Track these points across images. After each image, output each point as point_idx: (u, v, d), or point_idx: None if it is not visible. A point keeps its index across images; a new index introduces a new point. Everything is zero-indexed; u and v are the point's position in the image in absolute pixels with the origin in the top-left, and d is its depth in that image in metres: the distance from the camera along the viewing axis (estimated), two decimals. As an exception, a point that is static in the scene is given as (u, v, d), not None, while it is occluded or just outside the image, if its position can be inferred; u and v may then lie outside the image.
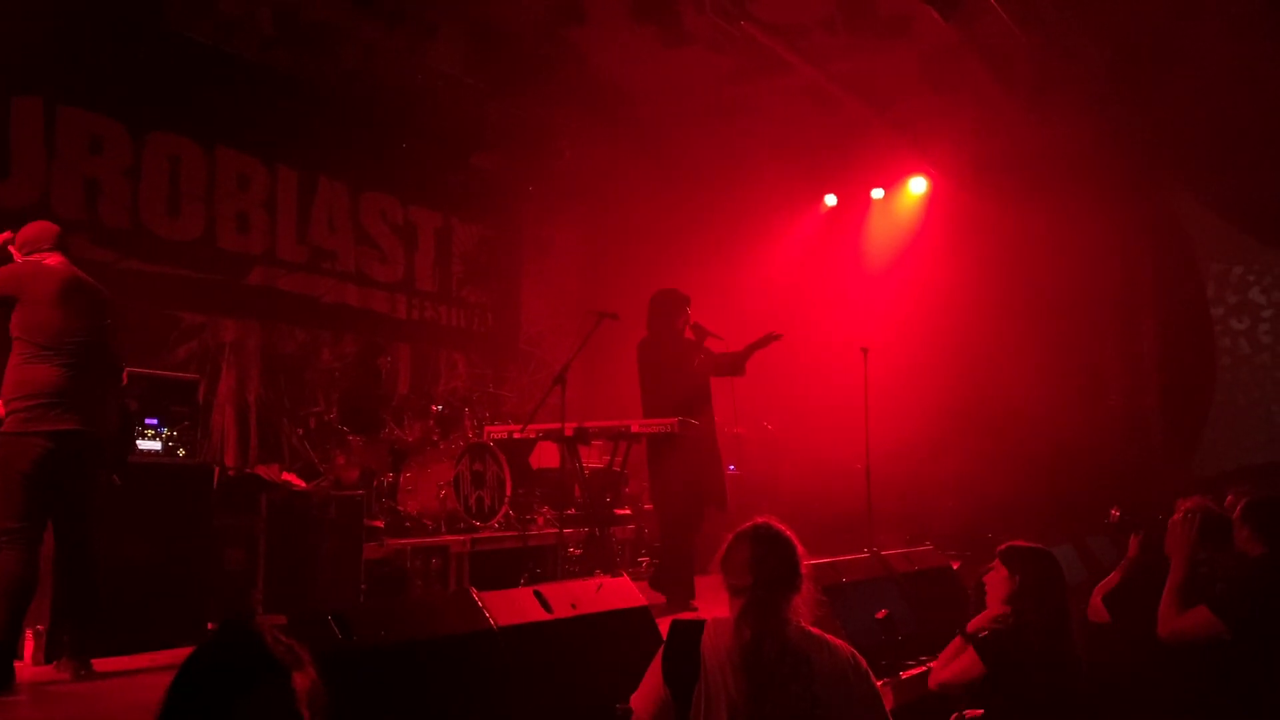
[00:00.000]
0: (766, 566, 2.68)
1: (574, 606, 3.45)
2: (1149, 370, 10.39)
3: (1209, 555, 4.03)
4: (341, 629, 2.58)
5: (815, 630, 2.71)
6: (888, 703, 3.40)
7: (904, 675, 4.39)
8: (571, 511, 7.67)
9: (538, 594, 3.35)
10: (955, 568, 6.18)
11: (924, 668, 4.52)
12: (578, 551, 6.98)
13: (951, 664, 3.54)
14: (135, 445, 5.03)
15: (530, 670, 3.13)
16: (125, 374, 4.72)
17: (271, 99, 8.28)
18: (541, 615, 3.30)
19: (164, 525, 5.00)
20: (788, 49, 8.67)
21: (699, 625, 2.72)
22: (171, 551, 5.01)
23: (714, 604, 3.65)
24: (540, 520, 7.94)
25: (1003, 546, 3.71)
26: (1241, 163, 9.52)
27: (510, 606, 3.22)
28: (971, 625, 3.64)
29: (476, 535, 7.14)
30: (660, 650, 2.77)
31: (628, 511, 8.32)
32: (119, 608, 4.68)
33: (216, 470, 5.77)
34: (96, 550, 4.45)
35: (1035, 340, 10.04)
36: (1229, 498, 5.41)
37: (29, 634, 4.51)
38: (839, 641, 2.71)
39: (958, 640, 3.64)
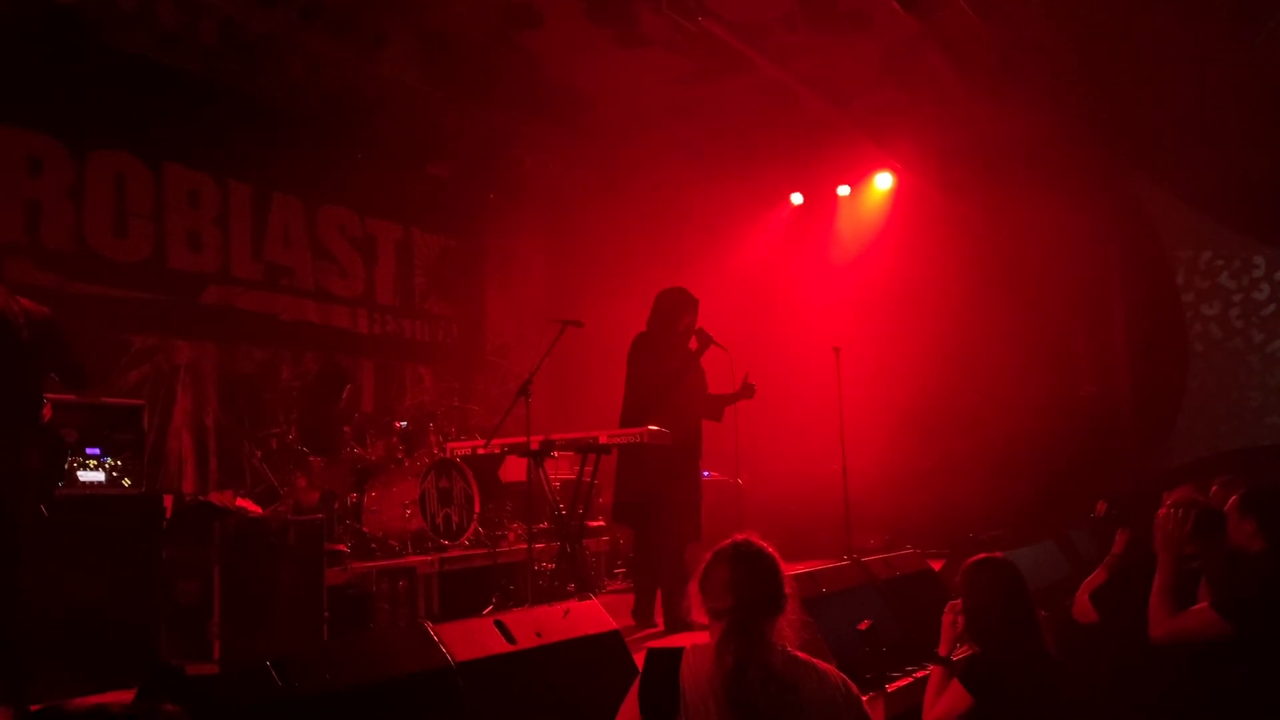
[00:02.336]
0: (747, 588, 2.49)
1: (539, 635, 3.22)
2: (1121, 359, 10.35)
3: (1198, 550, 3.87)
4: (281, 676, 2.35)
5: (802, 655, 2.51)
6: (877, 717, 3.22)
7: (891, 688, 4.21)
8: (543, 526, 7.45)
9: (499, 624, 3.11)
10: (937, 569, 6.04)
11: (911, 679, 4.36)
12: (550, 566, 6.77)
13: (940, 700, 3.35)
14: (76, 477, 4.76)
15: (494, 708, 2.89)
16: (48, 406, 4.40)
17: (219, 113, 8.05)
18: (504, 647, 3.07)
19: (109, 560, 4.73)
20: (748, 47, 8.52)
21: (677, 653, 2.53)
22: (119, 587, 4.73)
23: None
24: (511, 536, 7.71)
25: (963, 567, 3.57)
26: (1206, 148, 9.48)
27: (469, 639, 2.99)
28: (943, 649, 3.50)
29: (445, 555, 6.91)
30: (637, 681, 2.57)
31: (600, 523, 8.12)
32: (62, 649, 4.42)
33: (170, 499, 5.51)
34: (21, 590, 4.17)
35: (1006, 332, 9.97)
36: (1214, 488, 5.28)
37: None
38: (827, 666, 2.52)
39: (937, 671, 3.47)
